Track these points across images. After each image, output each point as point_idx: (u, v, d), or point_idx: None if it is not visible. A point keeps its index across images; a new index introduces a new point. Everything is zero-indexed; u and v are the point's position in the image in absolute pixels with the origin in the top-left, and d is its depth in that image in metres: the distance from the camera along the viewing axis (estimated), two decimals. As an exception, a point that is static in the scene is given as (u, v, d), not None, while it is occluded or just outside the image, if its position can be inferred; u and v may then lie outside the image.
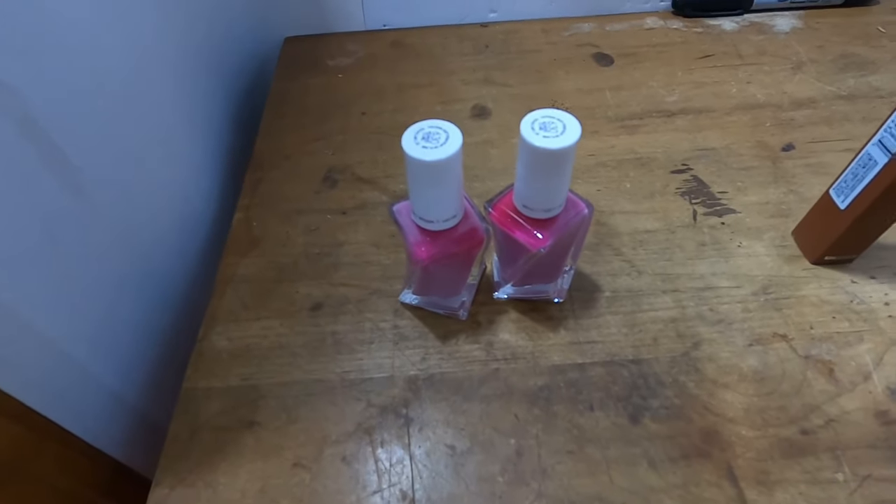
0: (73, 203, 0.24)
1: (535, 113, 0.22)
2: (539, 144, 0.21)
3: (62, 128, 0.23)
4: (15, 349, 0.21)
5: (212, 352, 0.28)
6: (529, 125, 0.22)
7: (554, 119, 0.22)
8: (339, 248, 0.33)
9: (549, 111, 0.22)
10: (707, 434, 0.24)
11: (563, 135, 0.21)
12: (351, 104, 0.42)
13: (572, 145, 0.21)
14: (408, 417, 0.25)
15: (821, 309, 0.28)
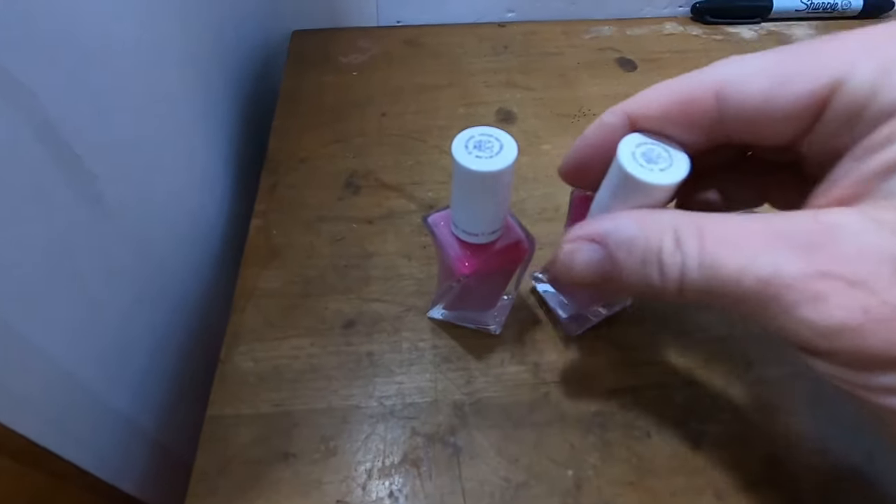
0: (91, 213, 0.21)
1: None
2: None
3: (79, 134, 0.20)
4: (24, 385, 0.18)
5: (236, 374, 0.26)
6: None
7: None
8: (368, 260, 0.31)
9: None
10: (771, 462, 0.23)
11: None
12: (368, 104, 0.40)
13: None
14: (456, 447, 0.24)
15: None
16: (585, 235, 0.18)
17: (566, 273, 0.19)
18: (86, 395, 0.22)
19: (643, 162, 0.18)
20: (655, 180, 0.17)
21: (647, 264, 0.17)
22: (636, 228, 0.17)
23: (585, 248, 0.18)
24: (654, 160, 0.18)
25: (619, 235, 0.17)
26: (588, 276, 0.18)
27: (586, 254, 0.18)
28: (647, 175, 0.18)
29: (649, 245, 0.16)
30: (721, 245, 0.15)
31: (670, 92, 0.18)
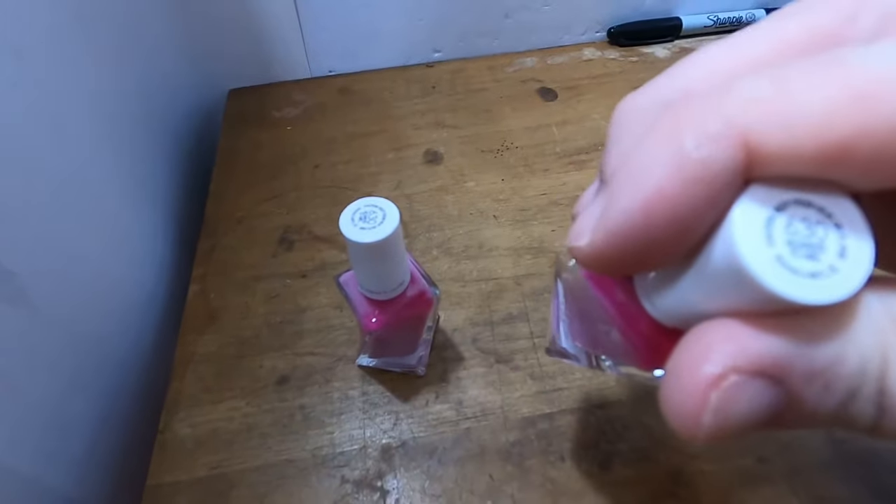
0: (12, 311, 0.23)
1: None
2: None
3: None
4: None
5: (175, 442, 0.27)
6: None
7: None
8: (301, 315, 0.32)
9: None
10: (674, 474, 0.25)
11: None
12: (302, 158, 0.42)
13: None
14: (384, 490, 0.25)
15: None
16: (750, 366, 0.10)
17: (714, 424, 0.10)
18: (24, 482, 0.23)
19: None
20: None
21: (856, 400, 0.10)
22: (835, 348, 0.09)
23: (751, 388, 0.10)
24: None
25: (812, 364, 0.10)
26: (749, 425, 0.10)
27: (756, 396, 0.10)
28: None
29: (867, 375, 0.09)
30: None
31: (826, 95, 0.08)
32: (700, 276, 0.11)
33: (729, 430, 0.10)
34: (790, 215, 0.09)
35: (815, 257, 0.09)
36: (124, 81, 0.36)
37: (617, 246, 0.11)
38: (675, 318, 0.13)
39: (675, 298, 0.12)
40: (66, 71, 0.29)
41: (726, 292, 0.10)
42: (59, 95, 0.28)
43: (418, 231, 0.37)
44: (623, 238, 0.10)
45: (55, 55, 0.28)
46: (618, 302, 0.14)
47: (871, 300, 0.10)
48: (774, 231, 0.09)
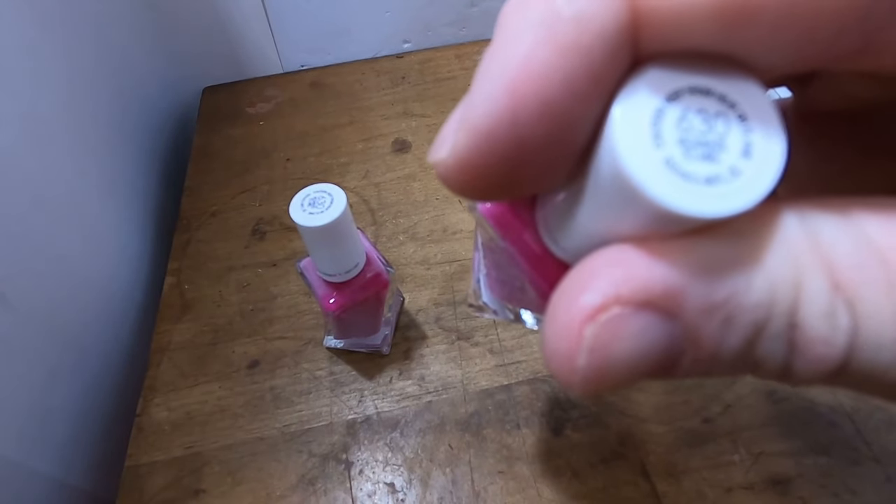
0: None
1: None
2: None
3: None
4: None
5: (152, 425, 0.29)
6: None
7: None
8: (272, 302, 0.34)
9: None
10: (622, 436, 0.27)
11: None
12: (274, 152, 0.43)
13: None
14: (348, 462, 0.27)
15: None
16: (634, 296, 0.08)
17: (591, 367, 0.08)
18: (10, 466, 0.24)
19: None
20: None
21: (764, 339, 0.08)
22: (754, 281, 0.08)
23: (640, 321, 0.08)
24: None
25: (711, 295, 0.08)
26: (637, 369, 0.08)
27: (642, 332, 0.08)
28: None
29: (773, 301, 0.08)
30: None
31: None
32: (591, 197, 0.08)
33: (611, 376, 0.08)
34: (684, 107, 0.07)
35: (714, 157, 0.07)
36: (98, 85, 0.37)
37: (483, 150, 0.08)
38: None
39: (575, 231, 0.09)
40: (40, 75, 0.30)
41: (617, 212, 0.08)
42: (33, 100, 0.29)
43: (385, 218, 0.38)
44: (489, 137, 0.08)
45: (28, 60, 0.29)
46: (523, 245, 0.11)
47: (788, 218, 0.08)
48: (664, 127, 0.07)
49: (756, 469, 0.25)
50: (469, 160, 0.08)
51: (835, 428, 0.26)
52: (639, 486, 0.25)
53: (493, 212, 0.12)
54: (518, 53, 0.07)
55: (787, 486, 0.25)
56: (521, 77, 0.07)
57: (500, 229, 0.12)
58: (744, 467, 0.25)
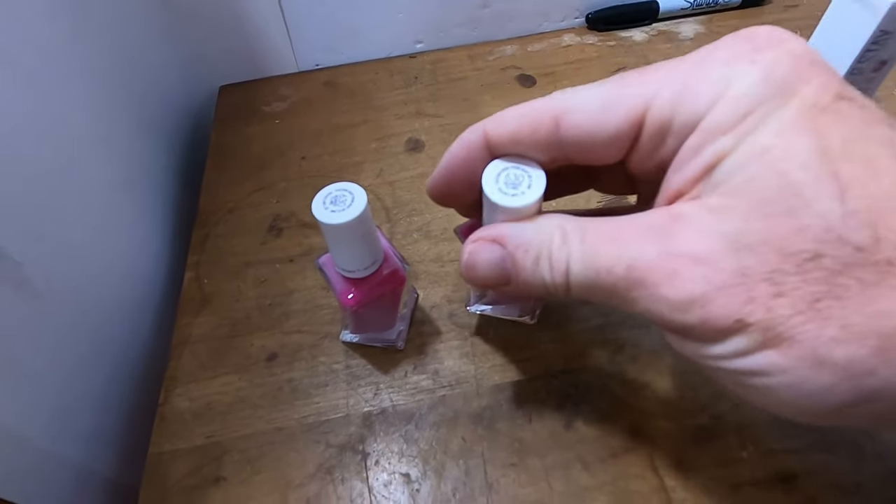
0: (17, 298, 0.25)
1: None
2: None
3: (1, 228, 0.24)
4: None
5: (174, 414, 0.30)
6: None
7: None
8: (289, 297, 0.34)
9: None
10: (632, 431, 0.27)
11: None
12: (290, 150, 0.44)
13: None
14: (364, 452, 0.28)
15: (726, 302, 0.32)
16: (487, 237, 0.20)
17: (469, 272, 0.21)
18: (39, 453, 0.25)
19: (504, 187, 0.20)
20: (516, 203, 0.20)
21: (540, 260, 0.19)
22: (531, 228, 0.19)
23: (487, 247, 0.20)
24: (515, 184, 0.20)
25: (517, 235, 0.19)
26: (490, 275, 0.20)
27: (488, 253, 0.20)
28: (509, 200, 0.20)
29: (542, 241, 0.19)
30: (599, 240, 0.18)
31: (519, 115, 0.20)
32: (484, 210, 0.22)
33: (480, 273, 0.21)
34: (507, 171, 0.21)
35: (517, 187, 0.20)
36: (117, 84, 0.38)
37: (439, 181, 0.23)
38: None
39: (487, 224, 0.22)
40: (61, 75, 0.31)
41: (488, 212, 0.21)
42: (54, 99, 0.30)
43: (400, 216, 0.38)
44: (441, 176, 0.23)
45: (50, 59, 0.30)
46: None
47: (552, 216, 0.20)
48: (500, 177, 0.20)
49: (763, 466, 0.26)
50: (435, 186, 0.24)
51: (840, 426, 0.27)
52: (647, 480, 0.26)
53: (463, 230, 0.26)
54: (448, 153, 0.22)
55: (794, 482, 0.25)
56: (448, 162, 0.22)
57: (464, 237, 0.24)
58: (751, 464, 0.26)
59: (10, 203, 0.25)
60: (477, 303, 0.32)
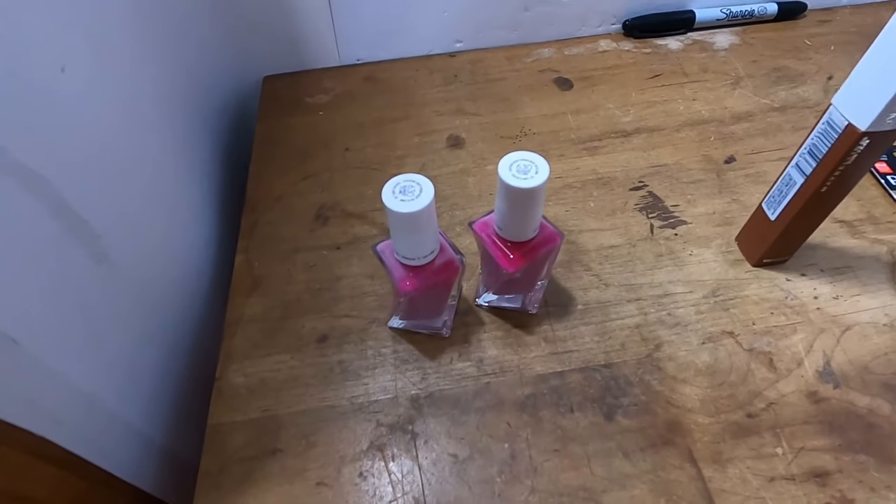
0: (97, 270, 0.27)
1: (513, 155, 0.26)
2: (514, 184, 0.25)
3: (84, 203, 0.26)
4: (65, 411, 0.24)
5: (230, 389, 0.31)
6: (507, 167, 0.25)
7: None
8: (337, 283, 0.36)
9: (523, 154, 0.26)
10: (670, 425, 0.28)
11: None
12: (333, 141, 0.45)
13: (541, 185, 0.25)
14: (414, 432, 0.29)
15: (761, 306, 0.33)
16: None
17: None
18: (110, 416, 0.27)
19: (516, 174, 0.25)
20: (528, 184, 0.24)
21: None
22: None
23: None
24: (525, 171, 0.25)
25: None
26: None
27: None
28: (522, 182, 0.25)
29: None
30: None
31: None
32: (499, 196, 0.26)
33: None
34: (517, 162, 0.26)
35: (526, 173, 0.25)
36: (177, 75, 0.39)
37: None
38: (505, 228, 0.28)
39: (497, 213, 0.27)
40: (136, 72, 0.33)
41: (503, 196, 0.26)
42: (131, 94, 0.32)
43: (442, 209, 0.40)
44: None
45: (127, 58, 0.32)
46: (487, 235, 0.29)
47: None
48: (512, 167, 0.25)
49: (797, 462, 0.27)
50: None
51: (873, 429, 0.28)
52: (685, 470, 0.27)
53: (477, 225, 0.30)
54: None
55: (827, 479, 0.26)
56: None
57: (478, 231, 0.29)
58: (785, 460, 0.27)
59: (92, 180, 0.27)
60: (485, 293, 0.33)
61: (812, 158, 0.28)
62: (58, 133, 0.25)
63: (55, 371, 0.23)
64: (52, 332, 0.23)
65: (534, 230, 0.28)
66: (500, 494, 0.27)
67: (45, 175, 0.23)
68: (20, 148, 0.22)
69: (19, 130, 0.22)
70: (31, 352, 0.22)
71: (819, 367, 0.30)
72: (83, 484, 0.25)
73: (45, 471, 0.23)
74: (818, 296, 0.33)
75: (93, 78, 0.28)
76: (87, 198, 0.26)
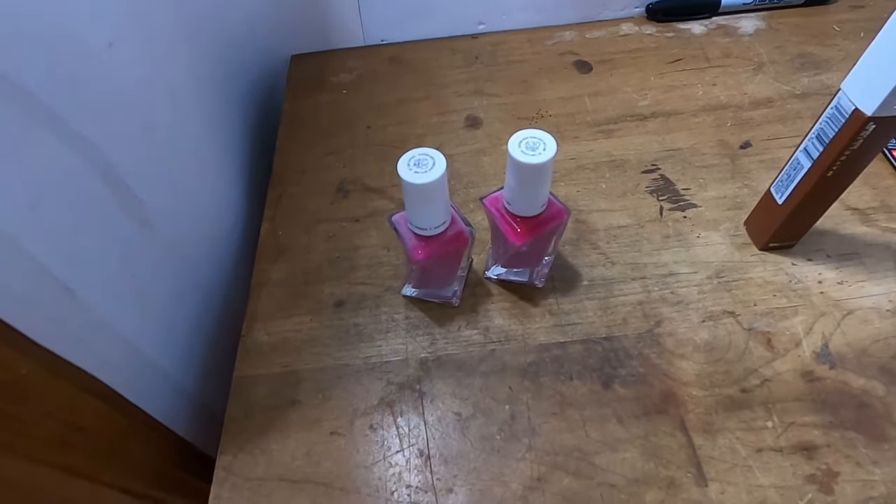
0: (140, 232, 0.29)
1: (522, 133, 0.27)
2: (522, 160, 0.26)
3: (130, 170, 0.28)
4: (112, 354, 0.26)
5: (255, 345, 0.34)
6: (517, 143, 0.27)
7: (537, 139, 0.27)
8: (355, 252, 0.38)
9: (533, 132, 0.27)
10: (665, 395, 0.30)
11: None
12: (356, 119, 0.47)
13: (548, 161, 0.26)
14: (421, 391, 0.31)
15: (764, 288, 0.34)
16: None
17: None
18: (146, 361, 0.30)
19: (525, 150, 0.26)
20: (536, 160, 0.26)
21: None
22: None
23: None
24: (533, 147, 0.26)
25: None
26: None
27: None
28: (530, 158, 0.26)
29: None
30: None
31: None
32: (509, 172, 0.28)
33: None
34: (526, 139, 0.27)
35: (535, 150, 0.26)
36: (211, 53, 0.42)
37: None
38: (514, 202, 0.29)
39: (507, 189, 0.29)
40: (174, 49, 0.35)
41: (513, 172, 0.27)
42: (170, 70, 0.34)
43: (458, 187, 0.41)
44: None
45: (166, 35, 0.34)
46: (497, 209, 0.30)
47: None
48: (521, 144, 0.26)
49: (786, 436, 0.28)
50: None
51: (865, 408, 0.29)
52: (676, 438, 0.28)
53: (488, 200, 0.31)
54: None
55: (814, 452, 0.27)
56: None
57: (489, 206, 0.31)
58: (775, 433, 0.28)
59: (137, 149, 0.29)
60: (494, 266, 0.35)
61: (819, 143, 0.29)
62: (108, 104, 0.27)
63: (104, 319, 0.26)
64: (102, 285, 0.26)
65: (541, 205, 0.29)
66: (498, 450, 0.29)
67: (97, 143, 0.26)
68: (75, 117, 0.24)
69: (75, 101, 0.24)
70: (84, 300, 0.25)
71: (817, 348, 0.31)
72: (125, 420, 0.28)
73: (93, 404, 0.26)
74: (822, 280, 0.34)
75: (137, 53, 0.30)
76: (132, 166, 0.28)
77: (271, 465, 0.29)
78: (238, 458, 0.29)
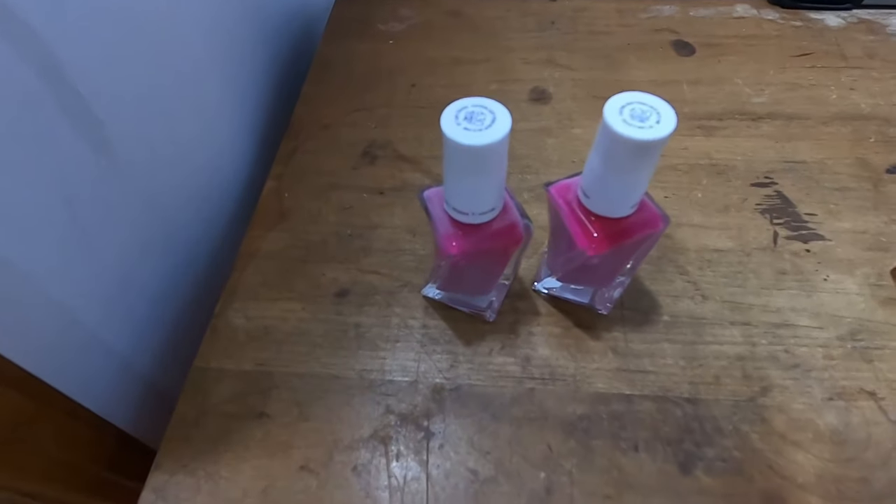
0: (93, 158, 0.22)
1: (626, 95, 0.19)
2: (625, 133, 0.17)
3: (87, 77, 0.21)
4: (17, 312, 0.19)
5: (227, 330, 0.26)
6: (617, 109, 0.18)
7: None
8: (372, 231, 0.30)
9: (642, 96, 0.19)
10: (769, 498, 0.21)
11: (656, 126, 0.18)
12: (399, 74, 0.39)
13: (663, 139, 0.18)
14: (428, 431, 0.23)
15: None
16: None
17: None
18: (81, 329, 0.23)
19: (630, 119, 0.18)
20: (646, 136, 0.17)
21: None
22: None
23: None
24: (642, 118, 0.18)
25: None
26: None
27: None
28: (637, 132, 0.17)
29: None
30: None
31: None
32: (597, 149, 0.19)
33: None
34: (632, 105, 0.18)
35: (644, 121, 0.18)
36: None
37: None
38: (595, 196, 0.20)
39: (590, 173, 0.20)
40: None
41: (607, 146, 0.19)
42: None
43: (512, 170, 0.33)
44: None
45: None
46: (567, 203, 0.22)
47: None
48: (623, 112, 0.18)
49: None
50: None
51: None
52: (785, 568, 0.20)
53: (556, 188, 0.23)
54: None
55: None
56: None
57: (557, 196, 0.22)
58: (938, 588, 0.19)
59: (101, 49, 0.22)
60: (547, 278, 0.26)
61: None
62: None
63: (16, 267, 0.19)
64: (19, 220, 0.19)
65: (632, 205, 0.21)
66: (523, 535, 0.21)
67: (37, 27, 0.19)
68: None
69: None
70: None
71: None
72: (30, 404, 0.21)
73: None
74: None
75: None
76: (91, 74, 0.21)
77: (215, 499, 0.22)
78: (175, 480, 0.22)
